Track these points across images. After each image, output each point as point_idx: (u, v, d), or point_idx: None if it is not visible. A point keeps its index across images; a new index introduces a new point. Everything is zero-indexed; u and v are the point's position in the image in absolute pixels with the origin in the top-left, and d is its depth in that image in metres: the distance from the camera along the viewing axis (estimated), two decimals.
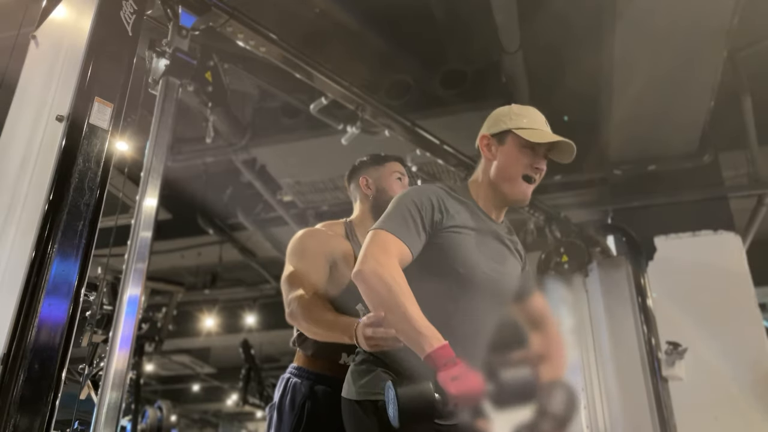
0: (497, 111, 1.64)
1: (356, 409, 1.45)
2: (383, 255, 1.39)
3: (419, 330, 1.30)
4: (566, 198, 4.89)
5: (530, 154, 1.55)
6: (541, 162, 1.57)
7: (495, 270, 1.54)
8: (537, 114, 1.61)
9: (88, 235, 1.67)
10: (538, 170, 1.57)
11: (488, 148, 1.60)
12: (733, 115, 4.31)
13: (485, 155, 1.61)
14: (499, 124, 1.60)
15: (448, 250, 1.48)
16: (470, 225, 1.53)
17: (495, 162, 1.58)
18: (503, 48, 3.78)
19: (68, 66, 1.86)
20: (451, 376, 1.24)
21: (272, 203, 5.46)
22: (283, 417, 1.75)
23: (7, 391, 1.45)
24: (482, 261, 1.51)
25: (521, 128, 1.56)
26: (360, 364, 1.50)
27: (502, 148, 1.58)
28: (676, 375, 3.98)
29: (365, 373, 1.47)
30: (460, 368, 1.26)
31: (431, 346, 1.28)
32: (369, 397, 1.42)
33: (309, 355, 1.82)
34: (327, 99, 3.36)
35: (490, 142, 1.60)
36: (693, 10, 3.38)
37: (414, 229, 1.45)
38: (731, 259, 4.48)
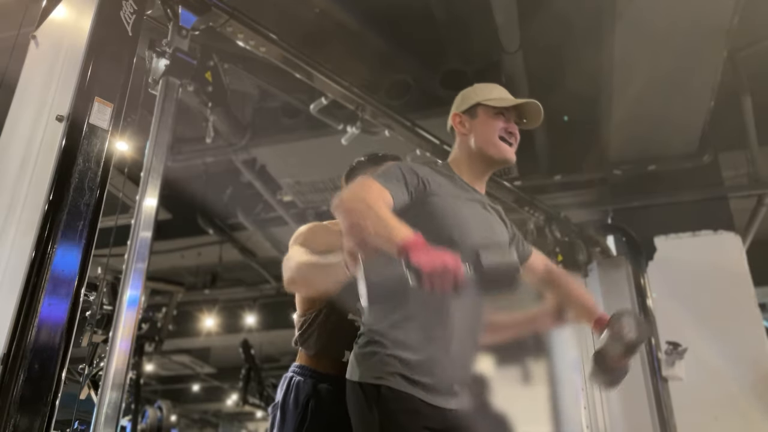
0: (463, 92, 1.76)
1: (358, 391, 1.45)
2: (362, 188, 1.40)
3: (391, 226, 1.28)
4: (566, 198, 4.89)
5: (502, 120, 1.67)
6: (513, 126, 1.68)
7: (486, 237, 1.57)
8: (500, 87, 1.74)
9: (88, 235, 1.67)
10: (512, 134, 1.67)
11: (462, 124, 1.70)
12: (733, 115, 4.31)
13: (460, 132, 1.71)
14: (467, 100, 1.72)
15: (440, 219, 1.51)
16: (456, 193, 1.59)
17: (471, 135, 1.68)
18: (503, 48, 3.79)
19: (68, 66, 1.86)
20: (424, 254, 1.20)
21: (272, 203, 5.46)
22: (287, 416, 1.75)
23: (7, 391, 1.45)
24: (474, 227, 1.55)
25: (489, 99, 1.69)
26: (364, 347, 1.50)
27: (474, 122, 1.69)
28: (676, 375, 3.98)
29: (369, 355, 1.47)
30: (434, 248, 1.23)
31: (403, 237, 1.25)
32: (372, 380, 1.42)
33: (312, 354, 1.82)
34: (327, 99, 3.36)
35: (462, 118, 1.71)
36: (693, 10, 3.38)
37: (397, 182, 1.48)
38: (731, 259, 4.48)
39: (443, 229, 1.49)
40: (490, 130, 1.65)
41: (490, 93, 1.71)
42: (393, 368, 1.42)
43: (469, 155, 1.68)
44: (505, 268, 1.29)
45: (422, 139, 3.46)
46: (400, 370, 1.41)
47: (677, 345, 4.00)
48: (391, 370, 1.41)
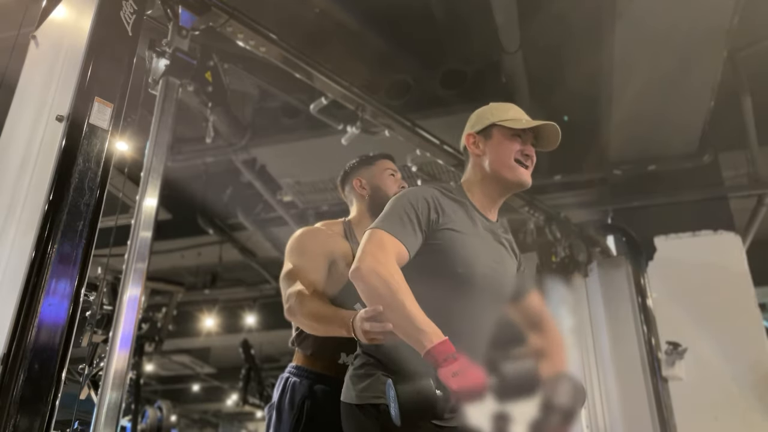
0: (478, 111, 1.69)
1: (357, 413, 1.44)
2: (380, 253, 1.39)
3: (418, 326, 1.29)
4: (566, 198, 4.89)
5: (519, 142, 1.59)
6: (529, 149, 1.61)
7: (493, 269, 1.54)
8: (516, 107, 1.66)
9: (88, 235, 1.67)
10: (528, 156, 1.60)
11: (476, 145, 1.64)
12: (733, 115, 4.31)
13: (473, 153, 1.64)
14: (483, 120, 1.64)
15: (446, 251, 1.48)
16: (467, 224, 1.54)
17: (485, 157, 1.61)
18: (503, 48, 3.78)
19: (68, 66, 1.86)
20: (453, 371, 1.23)
21: (272, 203, 5.46)
22: (283, 416, 1.76)
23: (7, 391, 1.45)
24: (480, 260, 1.51)
25: (504, 120, 1.61)
26: (359, 368, 1.50)
27: (489, 143, 1.62)
28: (676, 375, 3.98)
29: (365, 377, 1.46)
30: (461, 363, 1.25)
31: (431, 342, 1.27)
32: (370, 400, 1.42)
33: (308, 355, 1.82)
34: (327, 99, 3.36)
35: (476, 139, 1.64)
36: (693, 10, 3.38)
37: (410, 228, 1.46)
38: (731, 259, 4.48)
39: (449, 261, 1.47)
40: (506, 152, 1.58)
41: (506, 113, 1.63)
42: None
43: (483, 178, 1.62)
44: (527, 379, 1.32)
45: (422, 139, 3.46)
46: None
47: (677, 345, 4.00)
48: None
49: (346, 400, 1.49)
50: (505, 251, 1.63)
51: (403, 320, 1.31)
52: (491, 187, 1.62)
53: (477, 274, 1.49)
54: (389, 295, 1.33)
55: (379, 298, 1.34)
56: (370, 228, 1.47)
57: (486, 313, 1.54)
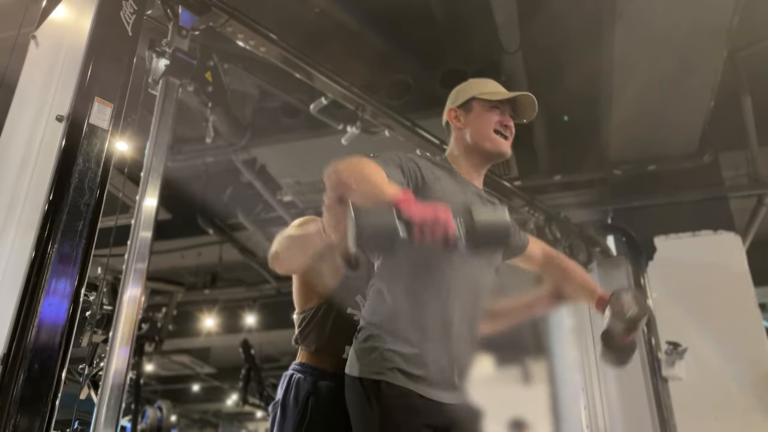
0: (458, 86, 1.78)
1: (358, 386, 1.45)
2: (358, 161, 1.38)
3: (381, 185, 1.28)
4: (566, 198, 4.88)
5: (497, 113, 1.67)
6: (508, 119, 1.69)
7: None
8: (494, 82, 1.74)
9: (88, 235, 1.67)
10: (507, 127, 1.68)
11: (457, 119, 1.71)
12: (733, 115, 4.31)
13: (455, 126, 1.72)
14: (463, 95, 1.73)
15: None
16: (453, 187, 1.59)
17: (466, 129, 1.69)
18: (503, 48, 3.78)
19: (68, 66, 1.86)
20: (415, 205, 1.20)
21: (272, 203, 5.46)
22: (287, 413, 1.75)
23: (7, 391, 1.45)
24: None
25: (483, 93, 1.69)
26: (364, 342, 1.50)
27: (469, 116, 1.69)
28: (676, 375, 3.98)
29: (369, 350, 1.47)
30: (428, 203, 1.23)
31: (394, 193, 1.24)
32: (372, 375, 1.43)
33: (312, 351, 1.82)
34: (327, 99, 3.36)
35: (457, 113, 1.72)
36: (693, 10, 3.38)
37: (394, 167, 1.47)
38: (731, 259, 4.48)
39: None
40: (486, 123, 1.66)
41: (484, 87, 1.72)
42: (393, 363, 1.42)
43: (465, 149, 1.69)
44: (497, 224, 1.28)
45: (422, 139, 3.46)
46: (399, 365, 1.42)
47: (677, 345, 4.00)
48: (391, 366, 1.42)
49: (349, 373, 1.50)
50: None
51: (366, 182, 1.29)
52: (473, 157, 1.69)
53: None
54: (354, 168, 1.33)
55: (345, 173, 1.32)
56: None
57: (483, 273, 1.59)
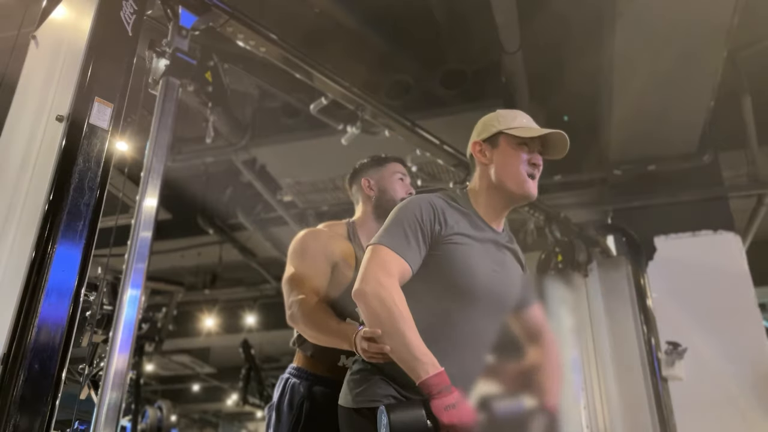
0: (484, 118, 1.67)
1: (354, 417, 1.44)
2: (384, 274, 1.39)
3: (416, 356, 1.32)
4: (566, 198, 4.89)
5: (526, 151, 1.56)
6: (537, 157, 1.58)
7: (497, 279, 1.52)
8: (524, 114, 1.63)
9: (88, 235, 1.67)
10: (535, 165, 1.57)
11: (482, 153, 1.61)
12: (733, 115, 4.31)
13: (480, 161, 1.62)
14: (489, 128, 1.61)
15: (449, 261, 1.47)
16: (470, 234, 1.52)
17: (492, 165, 1.59)
18: (503, 48, 3.78)
19: (68, 66, 1.86)
20: (445, 405, 1.26)
21: (272, 203, 5.46)
22: (282, 417, 1.76)
23: (7, 391, 1.45)
24: (483, 271, 1.50)
25: (512, 128, 1.58)
26: (356, 373, 1.50)
27: (496, 151, 1.59)
28: (676, 375, 3.98)
29: (362, 381, 1.46)
30: (455, 397, 1.27)
31: (427, 372, 1.29)
32: (367, 404, 1.42)
33: (308, 356, 1.82)
34: (327, 99, 3.36)
35: (483, 147, 1.61)
36: (693, 9, 3.38)
37: (414, 243, 1.45)
38: (731, 259, 4.48)
39: (452, 276, 1.47)
40: (513, 161, 1.55)
41: (513, 121, 1.60)
42: (388, 391, 1.42)
43: (489, 187, 1.58)
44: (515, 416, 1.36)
45: (422, 139, 3.46)
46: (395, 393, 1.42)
47: (677, 345, 4.00)
48: (387, 393, 1.42)
49: (343, 405, 1.49)
50: (510, 261, 1.60)
51: (402, 347, 1.33)
52: (497, 198, 1.58)
53: (479, 284, 1.48)
54: (390, 322, 1.35)
55: (380, 323, 1.36)
56: (373, 243, 1.46)
57: (489, 324, 1.53)
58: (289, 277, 1.78)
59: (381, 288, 1.37)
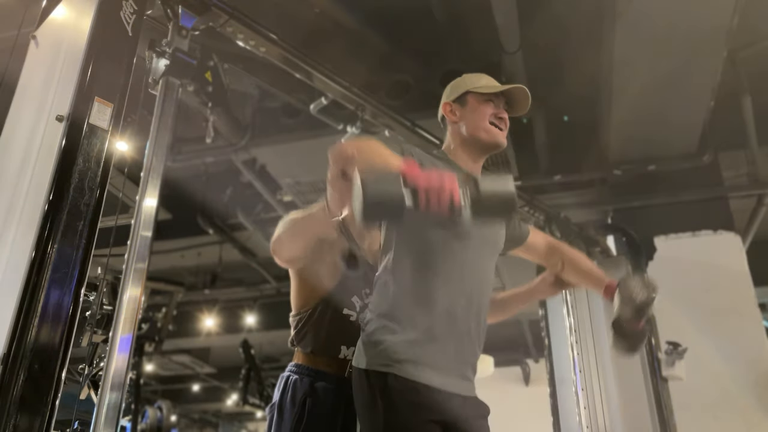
0: (452, 82, 1.80)
1: (364, 378, 1.45)
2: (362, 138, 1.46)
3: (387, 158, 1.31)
4: (566, 198, 4.89)
5: (491, 106, 1.71)
6: (502, 112, 1.72)
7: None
8: (488, 76, 1.78)
9: (88, 235, 1.67)
10: (501, 119, 1.71)
11: (452, 113, 1.75)
12: (733, 115, 4.31)
13: (451, 120, 1.75)
14: (457, 89, 1.76)
15: None
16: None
17: (462, 122, 1.72)
18: (503, 48, 3.78)
19: (68, 66, 1.86)
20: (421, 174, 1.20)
21: (272, 203, 5.46)
22: (284, 415, 1.75)
23: (7, 391, 1.45)
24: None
25: (477, 86, 1.73)
26: (372, 334, 1.50)
27: (464, 109, 1.73)
28: (676, 375, 3.98)
29: (377, 343, 1.47)
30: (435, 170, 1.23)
31: (400, 163, 1.26)
32: (379, 368, 1.43)
33: (308, 352, 1.82)
34: (327, 99, 3.36)
35: (452, 107, 1.75)
36: (693, 10, 3.38)
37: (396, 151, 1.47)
38: (731, 259, 4.48)
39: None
40: (481, 116, 1.69)
41: (478, 81, 1.75)
42: (401, 355, 1.42)
43: (462, 141, 1.72)
44: (502, 193, 1.27)
45: (422, 139, 3.46)
46: (408, 357, 1.42)
47: (677, 345, 4.00)
48: (399, 357, 1.42)
49: (356, 365, 1.51)
50: None
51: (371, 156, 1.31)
52: (469, 149, 1.71)
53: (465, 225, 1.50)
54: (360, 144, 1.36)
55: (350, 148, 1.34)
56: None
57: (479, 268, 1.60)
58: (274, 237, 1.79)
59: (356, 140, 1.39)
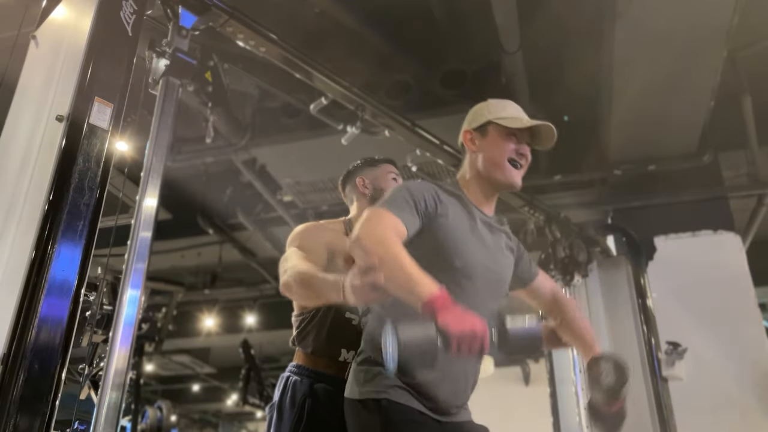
0: (476, 107, 1.70)
1: (359, 408, 1.44)
2: (378, 224, 1.39)
3: (415, 279, 1.26)
4: (566, 198, 4.89)
5: (514, 141, 1.60)
6: (524, 148, 1.61)
7: (491, 260, 1.56)
8: (514, 105, 1.67)
9: (88, 235, 1.67)
10: (522, 156, 1.61)
11: (472, 141, 1.65)
12: (733, 115, 4.31)
13: (470, 149, 1.66)
14: (479, 117, 1.66)
15: (444, 243, 1.49)
16: (463, 216, 1.56)
17: (480, 154, 1.62)
18: (503, 48, 3.78)
19: (68, 66, 1.86)
20: (452, 316, 1.20)
21: (272, 203, 5.46)
22: (284, 415, 1.75)
23: (7, 391, 1.45)
24: (478, 252, 1.52)
25: (501, 118, 1.61)
26: (362, 364, 1.50)
27: (485, 140, 1.63)
28: (676, 375, 3.98)
29: (367, 372, 1.46)
30: (461, 309, 1.22)
31: (429, 293, 1.23)
32: (372, 395, 1.42)
33: (308, 353, 1.82)
34: (327, 99, 3.36)
35: (473, 135, 1.65)
36: (693, 10, 3.38)
37: (408, 209, 1.46)
38: (731, 259, 4.48)
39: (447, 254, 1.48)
40: (500, 151, 1.59)
41: (503, 111, 1.64)
42: (393, 382, 1.42)
43: (477, 174, 1.63)
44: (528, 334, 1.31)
45: (422, 139, 3.46)
46: (399, 384, 1.42)
47: (677, 345, 4.00)
48: (391, 384, 1.41)
49: (348, 396, 1.50)
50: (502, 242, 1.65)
51: (399, 272, 1.28)
52: (483, 184, 1.63)
53: (476, 266, 1.50)
54: (385, 252, 1.31)
55: (374, 254, 1.30)
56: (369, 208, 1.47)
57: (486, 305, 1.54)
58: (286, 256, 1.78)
59: (372, 229, 1.36)
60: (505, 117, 1.61)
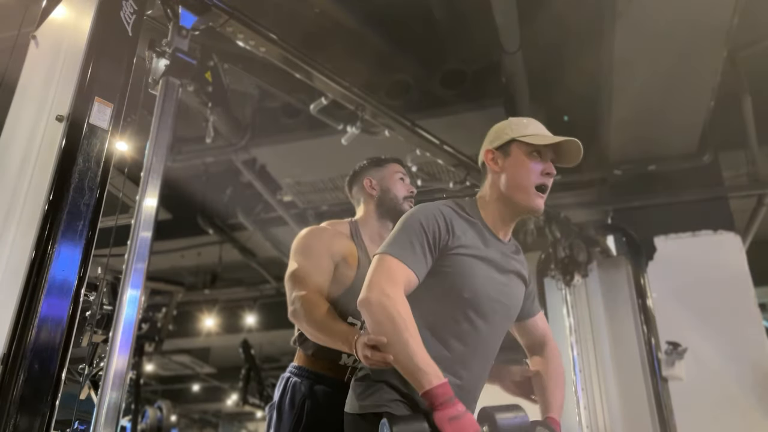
0: (497, 125, 1.63)
1: (359, 423, 1.44)
2: (389, 284, 1.38)
3: (419, 366, 1.30)
4: (566, 198, 4.89)
5: (538, 160, 1.53)
6: (550, 166, 1.55)
7: (501, 293, 1.53)
8: (536, 122, 1.60)
9: (88, 235, 1.67)
10: (549, 175, 1.54)
11: (494, 162, 1.57)
12: (733, 115, 4.31)
13: (492, 169, 1.58)
14: (502, 136, 1.58)
15: (454, 275, 1.46)
16: (477, 246, 1.51)
17: (503, 174, 1.55)
18: (503, 48, 3.78)
19: (68, 66, 1.86)
20: (449, 416, 1.25)
21: (272, 203, 5.46)
22: (283, 416, 1.76)
23: (7, 391, 1.45)
24: (488, 286, 1.49)
25: (525, 135, 1.54)
26: (362, 379, 1.49)
27: (508, 160, 1.55)
28: (676, 375, 3.98)
29: (368, 387, 1.46)
30: (458, 409, 1.27)
31: (430, 383, 1.28)
32: (373, 410, 1.42)
33: (309, 355, 1.82)
34: (327, 99, 3.36)
35: (495, 155, 1.57)
36: (693, 10, 3.38)
37: (420, 252, 1.44)
38: (731, 259, 4.48)
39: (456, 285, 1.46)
40: (526, 173, 1.52)
41: (525, 129, 1.56)
42: (394, 396, 1.41)
43: (498, 197, 1.56)
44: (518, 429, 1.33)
45: (422, 139, 3.46)
46: (401, 398, 1.41)
47: (677, 345, 4.01)
48: (393, 398, 1.41)
49: (349, 411, 1.49)
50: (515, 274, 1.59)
51: (405, 357, 1.31)
52: (504, 208, 1.56)
53: (484, 299, 1.48)
54: (393, 331, 1.33)
55: (383, 333, 1.34)
56: (379, 253, 1.45)
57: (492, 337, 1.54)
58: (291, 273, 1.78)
59: (385, 297, 1.36)
60: (529, 134, 1.54)
